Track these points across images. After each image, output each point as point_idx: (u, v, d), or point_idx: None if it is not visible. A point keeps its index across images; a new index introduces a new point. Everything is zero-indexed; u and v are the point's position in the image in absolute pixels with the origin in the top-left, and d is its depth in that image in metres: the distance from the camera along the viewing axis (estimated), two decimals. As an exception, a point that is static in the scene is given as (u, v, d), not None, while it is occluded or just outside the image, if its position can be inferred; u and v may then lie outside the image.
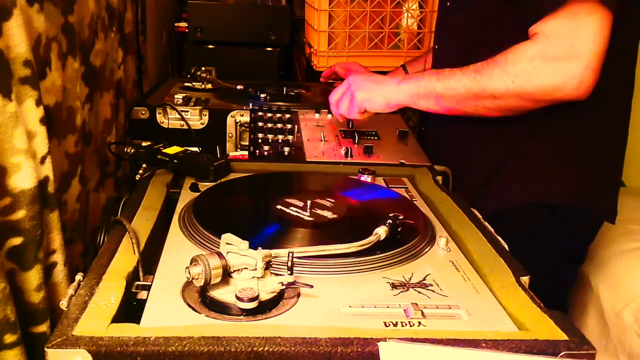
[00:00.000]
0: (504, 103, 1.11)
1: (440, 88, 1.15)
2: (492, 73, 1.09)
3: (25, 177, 0.78)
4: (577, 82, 1.03)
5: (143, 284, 0.74)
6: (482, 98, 1.11)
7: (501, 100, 1.10)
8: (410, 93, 1.19)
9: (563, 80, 1.04)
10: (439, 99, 1.16)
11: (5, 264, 0.78)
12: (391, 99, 1.22)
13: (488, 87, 1.09)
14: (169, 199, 1.00)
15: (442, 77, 1.15)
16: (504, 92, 1.08)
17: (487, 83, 1.09)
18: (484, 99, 1.11)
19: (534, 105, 1.10)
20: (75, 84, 1.06)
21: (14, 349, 0.75)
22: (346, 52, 1.98)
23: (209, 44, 2.21)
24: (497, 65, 1.08)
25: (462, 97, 1.13)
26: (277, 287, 0.68)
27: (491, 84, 1.09)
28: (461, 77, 1.12)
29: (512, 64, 1.06)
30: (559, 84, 1.04)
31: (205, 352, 0.59)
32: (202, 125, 1.50)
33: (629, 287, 1.45)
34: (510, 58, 1.07)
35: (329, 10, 1.94)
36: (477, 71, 1.11)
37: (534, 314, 0.68)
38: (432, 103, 1.18)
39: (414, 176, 1.16)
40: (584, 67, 1.02)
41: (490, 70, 1.09)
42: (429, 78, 1.17)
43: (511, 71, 1.06)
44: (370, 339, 0.61)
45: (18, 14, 0.76)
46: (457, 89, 1.13)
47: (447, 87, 1.14)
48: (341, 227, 0.89)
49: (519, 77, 1.06)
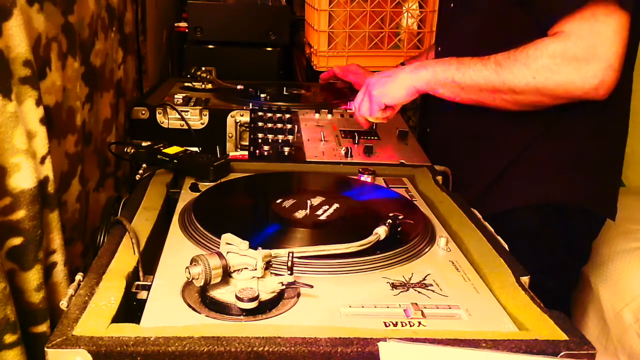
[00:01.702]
0: (523, 98, 1.10)
1: (459, 77, 1.14)
2: (513, 67, 1.08)
3: (25, 177, 0.78)
4: (597, 82, 1.03)
5: (143, 284, 0.74)
6: (501, 91, 1.11)
7: (520, 95, 1.10)
8: (428, 79, 1.18)
9: (582, 80, 1.04)
10: (457, 88, 1.15)
11: (5, 264, 0.78)
12: (409, 86, 1.20)
13: (508, 80, 1.09)
14: (169, 199, 1.00)
15: (461, 66, 1.14)
16: (524, 87, 1.08)
17: (507, 77, 1.08)
18: (503, 93, 1.11)
19: (552, 101, 1.10)
20: (75, 84, 1.06)
21: (14, 349, 0.75)
22: (346, 52, 1.98)
23: (209, 44, 2.21)
24: (518, 60, 1.07)
25: (480, 88, 1.13)
26: (277, 287, 0.68)
27: (511, 78, 1.08)
28: (481, 69, 1.11)
29: (534, 59, 1.06)
30: (578, 84, 1.04)
31: (205, 352, 0.59)
32: (202, 125, 1.50)
33: (629, 287, 1.44)
34: (531, 53, 1.06)
35: (329, 10, 1.94)
36: (498, 64, 1.10)
37: (534, 314, 0.68)
38: (449, 91, 1.17)
39: (414, 176, 1.16)
40: (604, 67, 1.02)
41: (512, 64, 1.08)
42: (449, 65, 1.16)
43: (532, 67, 1.06)
44: (370, 339, 0.61)
45: (18, 14, 0.76)
46: (475, 79, 1.12)
47: (465, 76, 1.13)
48: (341, 227, 0.89)
49: (540, 73, 1.05)
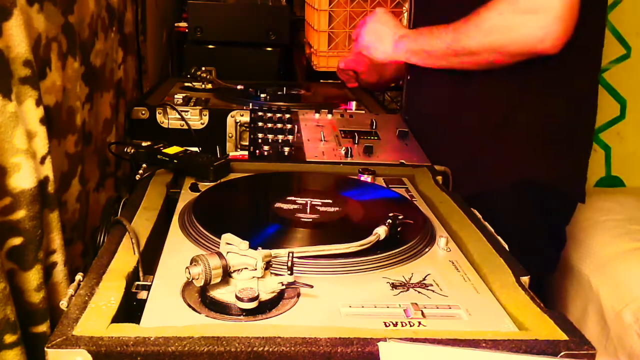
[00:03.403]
0: (482, 58, 1.17)
1: (427, 46, 1.26)
2: (468, 30, 1.16)
3: (25, 177, 0.78)
4: (544, 33, 1.06)
5: (143, 284, 0.73)
6: (462, 54, 1.19)
7: (479, 56, 1.17)
8: (404, 50, 1.32)
9: (531, 33, 1.07)
10: (426, 56, 1.27)
11: (5, 264, 0.78)
12: (388, 54, 1.36)
13: (466, 44, 1.17)
14: (169, 199, 1.00)
15: (430, 36, 1.26)
16: (480, 47, 1.15)
17: (464, 40, 1.17)
18: (464, 55, 1.19)
19: (511, 59, 1.15)
20: (75, 84, 1.06)
21: (14, 349, 0.75)
22: (346, 52, 1.98)
23: (209, 44, 2.21)
24: (471, 22, 1.15)
25: (444, 54, 1.23)
26: (277, 287, 0.68)
27: (467, 41, 1.16)
28: (444, 37, 1.21)
29: (485, 19, 1.12)
30: (528, 37, 1.08)
31: (205, 352, 0.59)
32: (202, 125, 1.50)
33: (629, 287, 1.44)
34: (482, 14, 1.13)
35: (329, 10, 1.94)
36: (455, 29, 1.19)
37: (534, 314, 0.68)
38: (421, 59, 1.29)
39: (414, 176, 1.16)
40: (551, 18, 1.04)
41: (467, 28, 1.16)
42: (420, 36, 1.29)
43: (483, 27, 1.12)
44: (370, 339, 0.60)
45: (18, 14, 0.76)
46: (439, 47, 1.23)
47: (432, 45, 1.25)
48: (341, 227, 0.89)
49: (491, 32, 1.12)
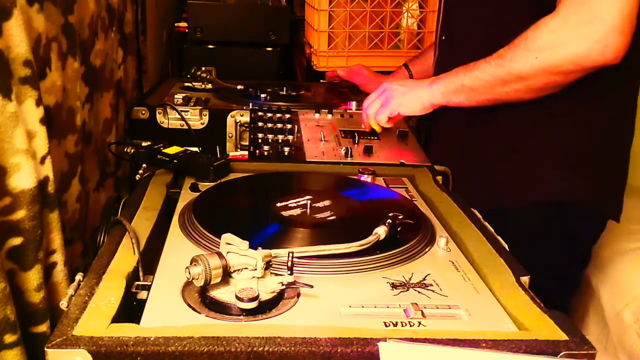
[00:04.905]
0: (533, 82, 1.09)
1: (467, 81, 1.16)
2: (514, 54, 1.08)
3: (25, 177, 0.78)
4: (602, 46, 0.99)
5: (143, 284, 0.74)
6: (510, 82, 1.11)
7: (530, 80, 1.09)
8: (442, 92, 1.21)
9: (586, 46, 1.00)
10: (469, 91, 1.17)
11: (5, 264, 0.78)
12: (425, 101, 1.24)
13: (513, 69, 1.08)
14: (169, 199, 1.00)
15: (467, 71, 1.16)
16: (530, 70, 1.07)
17: (511, 65, 1.08)
18: (512, 82, 1.11)
19: (565, 78, 1.07)
20: (75, 84, 1.06)
21: (14, 349, 0.75)
22: (346, 52, 1.98)
23: (209, 44, 2.21)
24: (518, 46, 1.07)
25: (489, 85, 1.13)
26: (277, 287, 0.68)
27: (515, 65, 1.08)
28: (485, 66, 1.13)
29: (533, 40, 1.05)
30: (583, 51, 1.01)
31: (205, 352, 0.59)
32: (202, 125, 1.50)
33: (629, 287, 1.44)
34: (530, 35, 1.06)
35: (329, 10, 1.94)
36: (499, 56, 1.10)
37: (534, 314, 0.68)
38: (464, 97, 1.19)
39: (414, 176, 1.16)
40: (607, 29, 0.98)
41: (512, 52, 1.08)
42: (455, 74, 1.19)
43: (532, 47, 1.05)
44: (370, 339, 0.61)
45: (18, 14, 0.76)
46: (483, 78, 1.13)
47: (473, 78, 1.15)
48: (341, 227, 0.89)
49: (541, 51, 1.04)
